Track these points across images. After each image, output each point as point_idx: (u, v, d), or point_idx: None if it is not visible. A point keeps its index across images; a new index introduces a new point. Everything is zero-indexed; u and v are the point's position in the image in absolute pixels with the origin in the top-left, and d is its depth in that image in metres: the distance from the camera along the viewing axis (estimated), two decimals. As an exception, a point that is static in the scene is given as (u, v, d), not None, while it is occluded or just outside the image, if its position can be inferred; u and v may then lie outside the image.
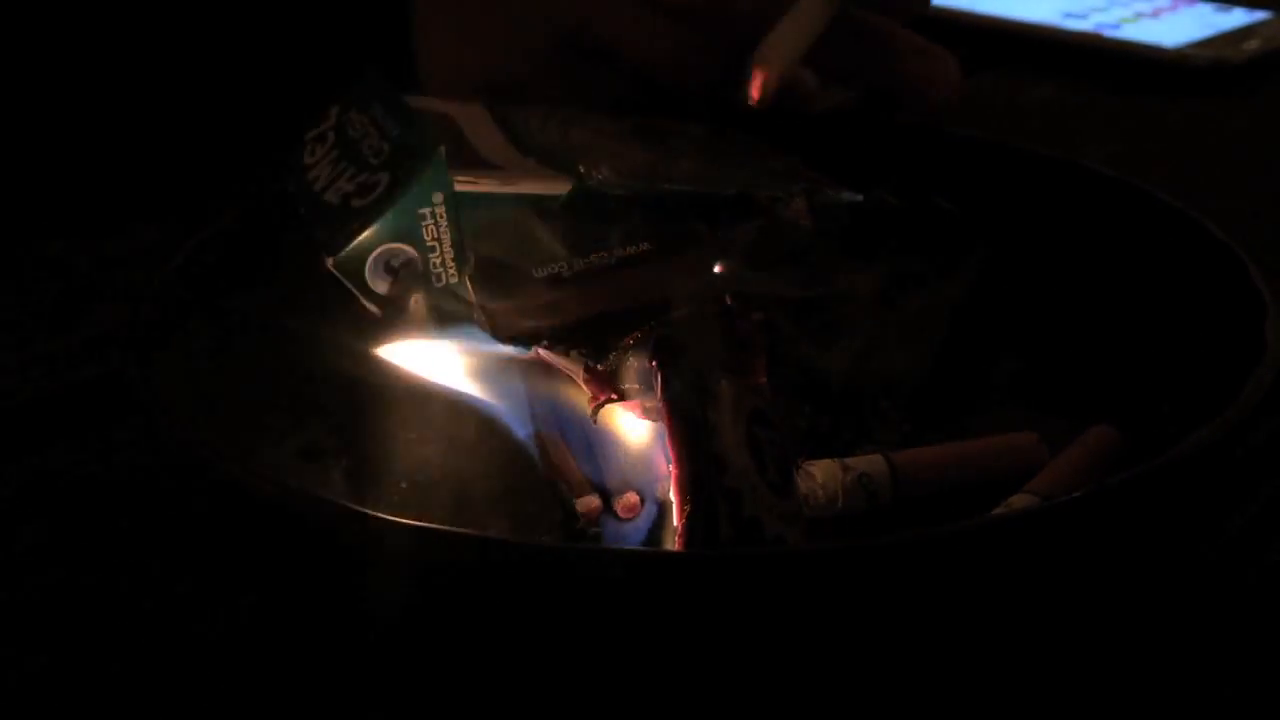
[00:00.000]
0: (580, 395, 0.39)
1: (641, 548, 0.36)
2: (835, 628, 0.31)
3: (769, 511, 0.34)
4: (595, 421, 0.38)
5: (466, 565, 0.31)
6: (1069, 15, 0.86)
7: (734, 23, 0.54)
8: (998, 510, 0.38)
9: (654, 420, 0.37)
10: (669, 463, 0.34)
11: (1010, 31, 0.85)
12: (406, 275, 0.42)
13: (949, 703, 0.33)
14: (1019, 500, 0.38)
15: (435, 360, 0.40)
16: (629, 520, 0.37)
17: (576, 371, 0.39)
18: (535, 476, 0.40)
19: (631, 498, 0.37)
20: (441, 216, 0.42)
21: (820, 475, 0.40)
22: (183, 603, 0.39)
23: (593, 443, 0.39)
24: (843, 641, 0.32)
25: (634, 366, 0.38)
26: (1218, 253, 0.43)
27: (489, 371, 0.40)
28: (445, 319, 0.42)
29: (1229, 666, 0.37)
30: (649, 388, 0.37)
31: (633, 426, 0.38)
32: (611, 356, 0.38)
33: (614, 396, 0.38)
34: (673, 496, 0.34)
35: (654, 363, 0.36)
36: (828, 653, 0.32)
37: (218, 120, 0.66)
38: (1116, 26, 0.84)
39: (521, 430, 0.39)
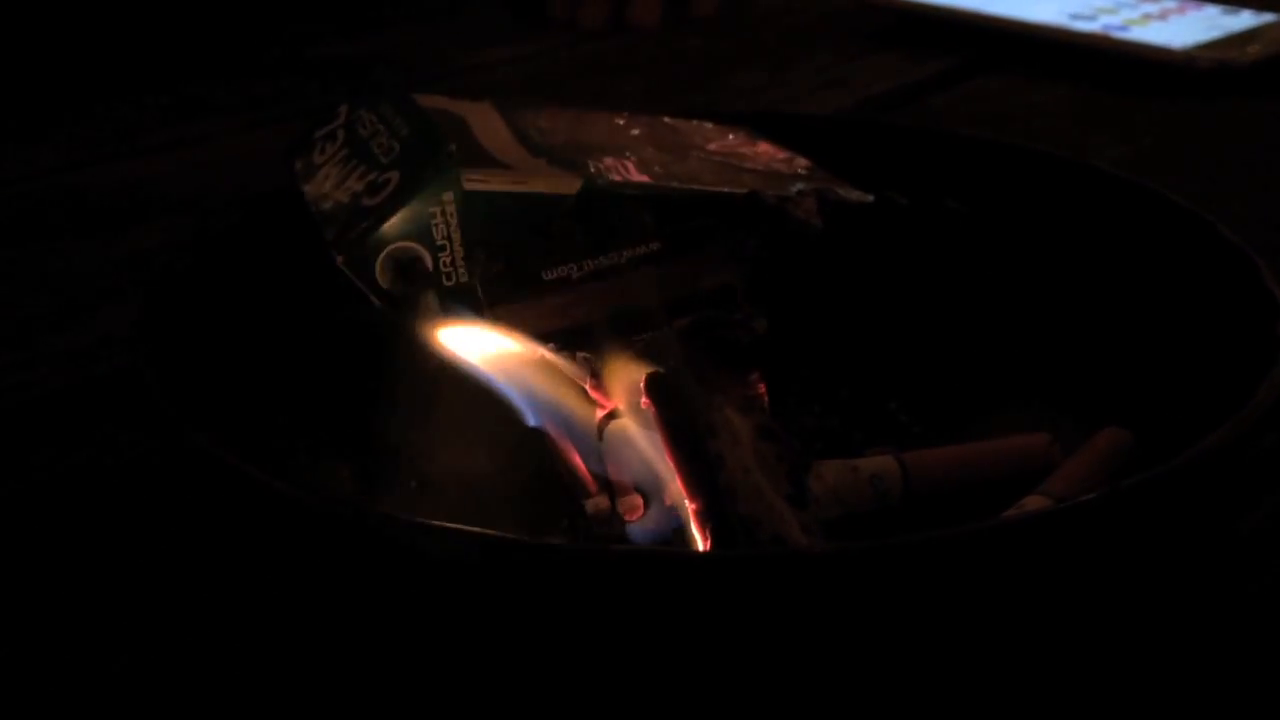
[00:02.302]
0: (586, 398, 0.39)
1: (658, 547, 0.36)
2: (847, 629, 0.31)
3: (788, 526, 0.33)
4: (601, 436, 0.38)
5: (477, 565, 0.31)
6: (1076, 17, 0.86)
7: None
8: (1010, 512, 0.37)
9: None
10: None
11: (1018, 33, 0.85)
12: (416, 274, 0.42)
13: (961, 704, 0.33)
14: (1032, 502, 0.38)
15: (447, 357, 0.40)
16: (633, 521, 0.37)
17: (583, 377, 0.39)
18: (544, 476, 0.40)
19: (635, 499, 0.37)
20: (451, 215, 0.42)
21: (831, 476, 0.40)
22: (188, 600, 0.39)
23: (598, 443, 0.39)
24: (854, 643, 0.31)
25: (637, 377, 0.38)
26: (1230, 255, 0.43)
27: (498, 370, 0.40)
28: (454, 318, 0.42)
29: (1240, 669, 0.37)
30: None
31: (637, 431, 0.38)
32: (615, 364, 0.38)
33: (619, 408, 0.38)
34: (695, 532, 0.34)
35: (648, 402, 0.36)
36: (840, 654, 0.31)
37: None
38: (1124, 28, 0.84)
39: (531, 429, 0.39)
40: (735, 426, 0.34)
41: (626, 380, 0.38)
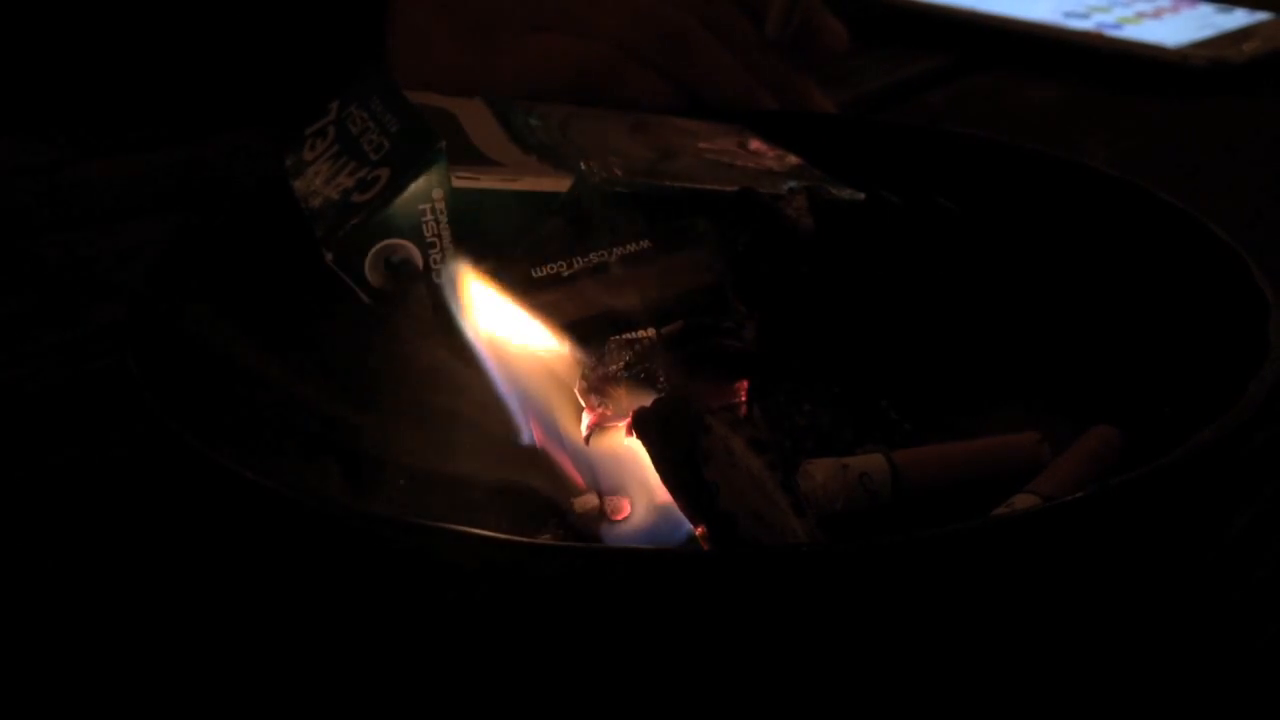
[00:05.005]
0: (575, 401, 0.39)
1: (654, 547, 0.36)
2: (836, 627, 0.31)
3: (793, 535, 0.33)
4: (588, 442, 0.38)
5: (469, 564, 0.31)
6: (1070, 15, 0.86)
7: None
8: (999, 510, 0.37)
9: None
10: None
11: (1011, 30, 0.85)
12: (405, 271, 0.42)
13: (951, 703, 0.33)
14: (1021, 500, 0.38)
15: (437, 354, 0.40)
16: (619, 520, 0.37)
17: (573, 379, 0.39)
18: (534, 475, 0.39)
19: (620, 500, 0.37)
20: (441, 212, 0.42)
21: (821, 475, 0.40)
22: (177, 598, 0.39)
23: (586, 449, 0.39)
24: (844, 640, 0.31)
25: (626, 392, 0.38)
26: (1220, 253, 0.43)
27: (488, 369, 0.40)
28: (444, 315, 0.41)
29: (1231, 667, 0.37)
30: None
31: (624, 441, 0.38)
32: (607, 372, 0.38)
33: (609, 415, 0.38)
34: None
35: (636, 436, 0.36)
36: (829, 651, 0.31)
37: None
38: (1117, 26, 0.84)
39: (522, 428, 0.39)
40: (729, 446, 0.34)
41: (616, 392, 0.38)
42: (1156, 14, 0.87)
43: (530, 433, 0.39)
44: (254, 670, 0.36)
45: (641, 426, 0.35)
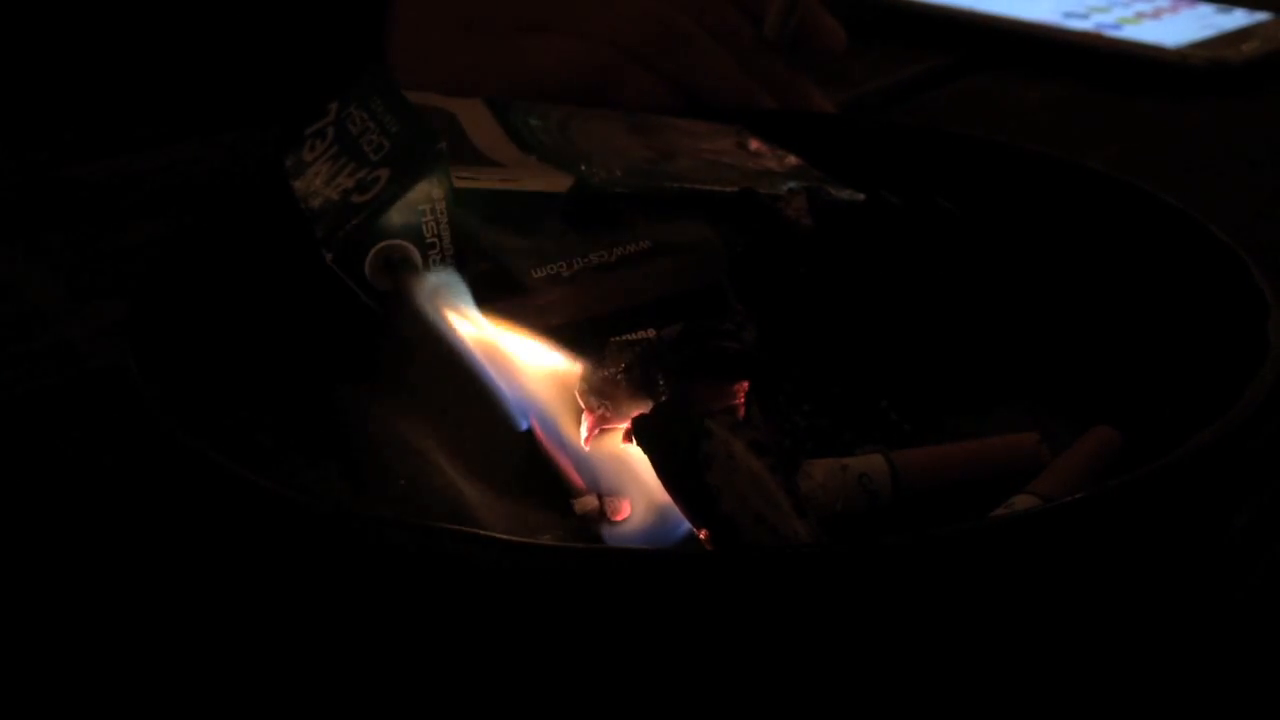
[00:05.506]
0: (574, 401, 0.39)
1: (653, 547, 0.36)
2: (835, 627, 0.31)
3: (795, 536, 0.33)
4: (588, 444, 0.38)
5: (466, 565, 0.31)
6: (1070, 15, 0.86)
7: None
8: (999, 511, 0.37)
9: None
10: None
11: (1010, 30, 0.85)
12: (405, 271, 0.42)
13: (951, 703, 0.33)
14: (1021, 501, 0.38)
15: (437, 355, 0.40)
16: (619, 523, 0.37)
17: (574, 380, 0.39)
18: (533, 476, 0.39)
19: (620, 501, 0.37)
20: (441, 213, 0.42)
21: (820, 475, 0.40)
22: (180, 598, 0.39)
23: (586, 451, 0.39)
24: (845, 641, 0.31)
25: (627, 388, 0.38)
26: (1219, 253, 0.43)
27: (488, 369, 0.40)
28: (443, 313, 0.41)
29: (1231, 668, 0.37)
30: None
31: (624, 443, 0.38)
32: (607, 374, 0.38)
33: (609, 418, 0.38)
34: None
35: (636, 443, 0.36)
36: (830, 652, 0.31)
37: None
38: (1117, 27, 0.84)
39: (519, 418, 0.39)
40: (730, 449, 0.34)
41: (616, 394, 0.37)
42: (1156, 14, 0.87)
43: (528, 420, 0.39)
44: (254, 671, 0.36)
45: (642, 433, 0.35)
